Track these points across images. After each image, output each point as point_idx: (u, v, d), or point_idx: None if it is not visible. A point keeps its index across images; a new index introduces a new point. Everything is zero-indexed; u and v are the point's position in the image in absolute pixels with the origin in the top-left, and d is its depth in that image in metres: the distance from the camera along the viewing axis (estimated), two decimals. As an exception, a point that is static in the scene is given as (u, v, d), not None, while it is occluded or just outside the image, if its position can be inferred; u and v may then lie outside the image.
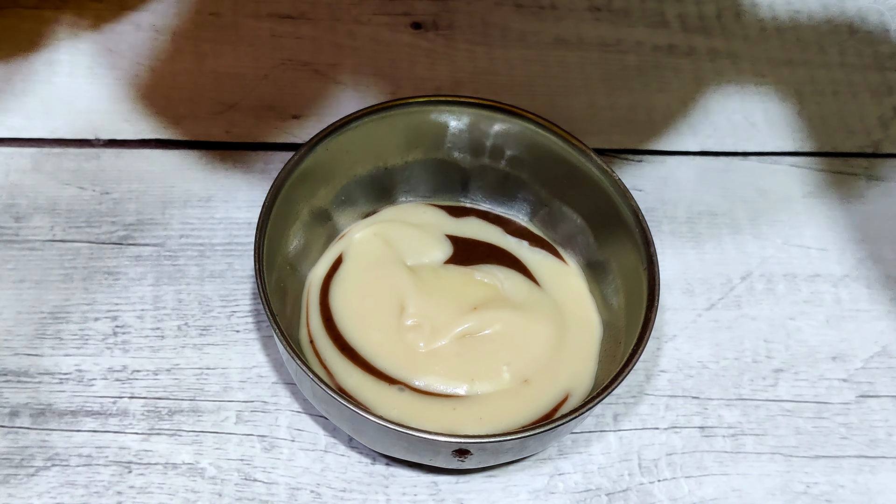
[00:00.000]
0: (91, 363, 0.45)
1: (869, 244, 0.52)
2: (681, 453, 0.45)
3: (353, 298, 0.45)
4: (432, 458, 0.41)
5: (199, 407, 0.44)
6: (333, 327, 0.44)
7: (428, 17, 0.58)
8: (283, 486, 0.42)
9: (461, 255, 0.47)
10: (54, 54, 0.54)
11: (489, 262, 0.47)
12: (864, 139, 0.56)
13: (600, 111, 0.55)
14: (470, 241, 0.48)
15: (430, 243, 0.48)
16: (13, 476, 0.42)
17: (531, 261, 0.48)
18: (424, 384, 0.43)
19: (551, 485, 0.44)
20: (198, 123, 0.52)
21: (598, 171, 0.45)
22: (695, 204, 0.52)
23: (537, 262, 0.48)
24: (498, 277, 0.46)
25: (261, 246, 0.42)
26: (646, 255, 0.43)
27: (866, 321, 0.49)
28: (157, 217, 0.49)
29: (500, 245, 0.48)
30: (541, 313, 0.45)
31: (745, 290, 0.50)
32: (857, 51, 0.59)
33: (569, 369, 0.44)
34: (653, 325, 0.41)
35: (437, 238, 0.48)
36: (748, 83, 0.57)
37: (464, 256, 0.47)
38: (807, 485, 0.44)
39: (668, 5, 0.60)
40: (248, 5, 0.57)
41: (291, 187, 0.44)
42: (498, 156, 0.48)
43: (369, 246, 0.47)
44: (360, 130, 0.46)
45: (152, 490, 0.42)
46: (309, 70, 0.55)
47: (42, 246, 0.48)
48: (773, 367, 0.47)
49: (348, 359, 0.44)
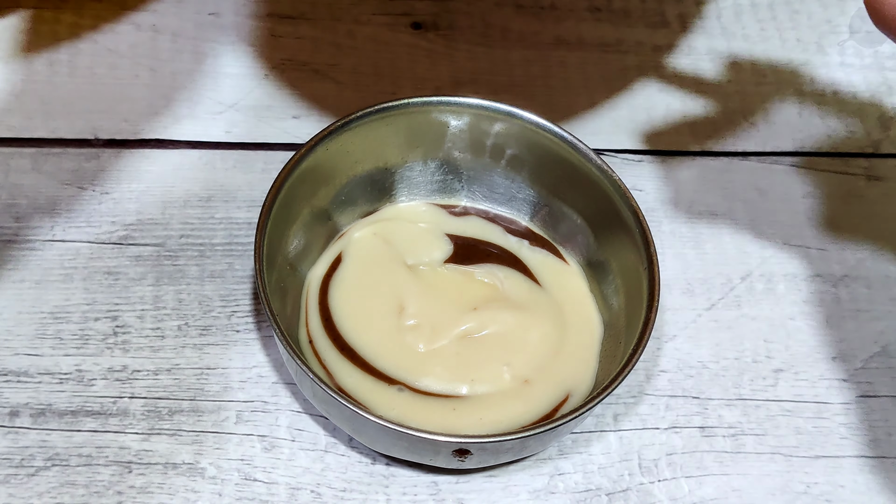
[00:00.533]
0: (91, 363, 0.45)
1: (869, 244, 0.52)
2: (681, 453, 0.45)
3: (352, 298, 0.45)
4: (432, 458, 0.41)
5: (199, 407, 0.44)
6: (333, 327, 0.44)
7: (428, 17, 0.58)
8: (283, 485, 0.42)
9: (461, 255, 0.47)
10: (54, 54, 0.54)
11: (489, 261, 0.47)
12: (864, 139, 0.56)
13: (600, 111, 0.55)
14: (470, 241, 0.48)
15: (430, 242, 0.48)
16: (13, 476, 0.42)
17: (532, 260, 0.48)
18: (424, 385, 0.43)
19: (551, 485, 0.44)
20: (198, 123, 0.52)
21: (598, 171, 0.45)
22: (695, 204, 0.52)
23: (538, 261, 0.48)
24: (498, 277, 0.46)
25: (261, 246, 0.42)
26: (646, 255, 0.43)
27: (866, 321, 0.49)
28: (157, 217, 0.49)
29: (501, 244, 0.48)
30: (541, 313, 0.45)
31: (745, 290, 0.50)
32: (857, 51, 0.59)
33: (569, 369, 0.44)
34: (653, 325, 0.41)
35: (437, 237, 0.48)
36: (748, 83, 0.57)
37: (464, 255, 0.47)
38: (807, 485, 0.44)
39: (668, 5, 0.60)
40: (248, 5, 0.57)
41: (291, 187, 0.44)
42: (498, 156, 0.48)
43: (369, 245, 0.47)
44: (360, 130, 0.46)
45: (152, 490, 0.42)
46: (309, 70, 0.55)
47: (42, 246, 0.48)
48: (773, 367, 0.47)
49: (348, 359, 0.44)
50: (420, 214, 0.49)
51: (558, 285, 0.47)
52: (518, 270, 0.47)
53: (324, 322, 0.45)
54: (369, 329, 0.44)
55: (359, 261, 0.46)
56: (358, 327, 0.44)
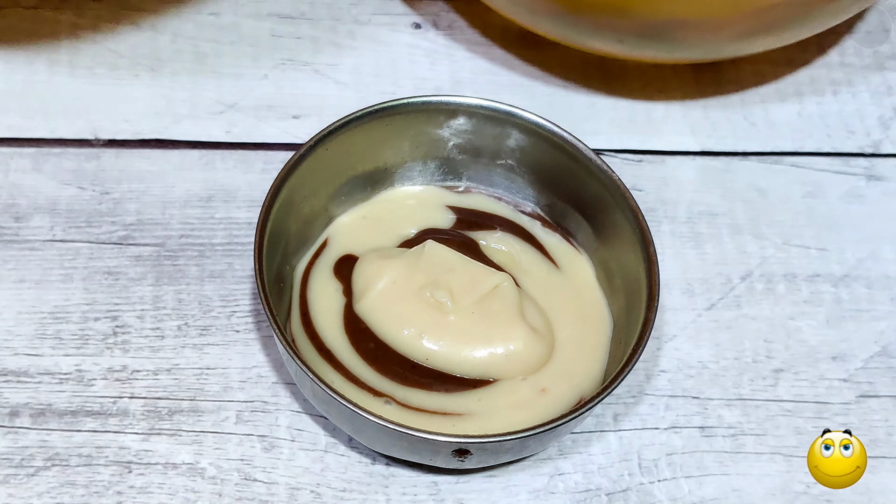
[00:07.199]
0: (91, 363, 0.45)
1: (869, 244, 0.52)
2: (681, 453, 0.45)
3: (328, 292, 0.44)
4: (432, 458, 0.41)
5: (199, 407, 0.44)
6: (310, 324, 0.44)
7: (428, 17, 0.58)
8: (283, 486, 0.42)
9: (466, 224, 0.46)
10: (54, 54, 0.54)
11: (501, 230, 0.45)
12: (864, 139, 0.56)
13: (600, 111, 0.55)
14: (475, 212, 0.46)
15: (429, 215, 0.46)
16: (13, 476, 0.42)
17: (547, 241, 0.46)
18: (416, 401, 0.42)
19: (551, 485, 0.44)
20: (198, 123, 0.52)
21: (598, 171, 0.45)
22: (695, 204, 0.52)
23: (552, 243, 0.46)
24: (514, 247, 0.44)
25: (261, 246, 0.42)
26: (646, 255, 0.43)
27: (866, 321, 0.49)
28: (157, 217, 0.49)
29: (511, 219, 0.46)
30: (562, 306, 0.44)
31: (745, 290, 0.50)
32: (857, 51, 0.59)
33: (584, 371, 0.43)
34: (653, 325, 0.41)
35: (436, 209, 0.46)
36: (748, 83, 0.57)
37: (469, 224, 0.46)
38: (807, 485, 0.44)
39: (668, 5, 0.60)
40: (248, 5, 0.57)
41: (291, 187, 0.44)
42: (498, 156, 0.48)
43: (355, 228, 0.45)
44: (360, 130, 0.46)
45: (152, 490, 0.42)
46: (309, 70, 0.55)
47: (42, 246, 0.48)
48: (773, 367, 0.47)
49: (326, 360, 0.43)
50: (416, 194, 0.47)
51: (573, 272, 0.45)
52: (533, 246, 0.45)
53: (302, 318, 0.44)
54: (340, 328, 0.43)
55: (341, 247, 0.45)
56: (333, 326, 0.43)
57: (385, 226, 0.46)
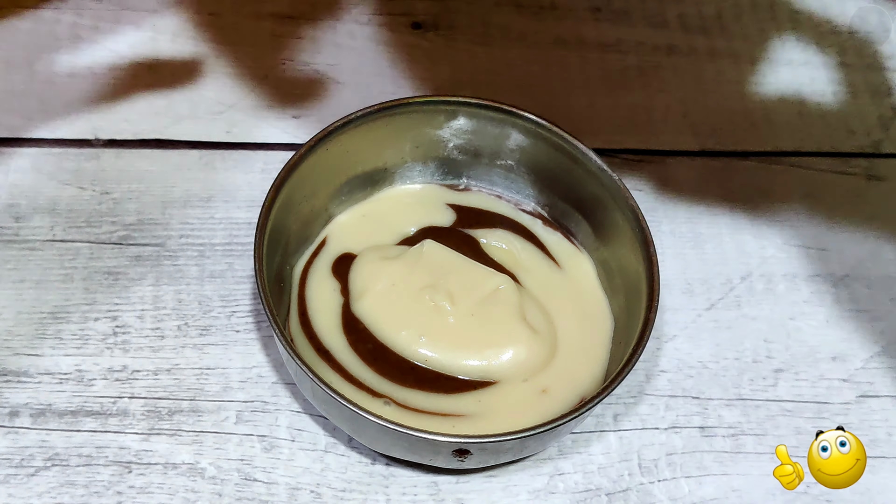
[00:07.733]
0: (91, 363, 0.45)
1: (869, 244, 0.52)
2: (681, 453, 0.45)
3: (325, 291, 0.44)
4: (432, 458, 0.41)
5: (199, 407, 0.44)
6: (308, 324, 0.44)
7: (428, 17, 0.58)
8: (283, 486, 0.42)
9: (466, 222, 0.45)
10: (54, 54, 0.54)
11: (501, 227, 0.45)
12: (864, 139, 0.56)
13: (600, 111, 0.55)
14: (475, 210, 0.45)
15: (428, 213, 0.45)
16: (13, 476, 0.42)
17: (547, 239, 0.46)
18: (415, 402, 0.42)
19: (551, 485, 0.44)
20: (198, 123, 0.52)
21: (598, 171, 0.45)
22: (695, 204, 0.52)
23: (553, 242, 0.46)
24: (515, 245, 0.44)
25: (261, 246, 0.42)
26: (646, 255, 0.43)
27: (866, 321, 0.49)
28: (157, 217, 0.49)
29: (511, 217, 0.46)
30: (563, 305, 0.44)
31: (745, 290, 0.50)
32: (857, 51, 0.59)
33: (585, 371, 0.43)
34: (653, 325, 0.41)
35: (436, 207, 0.46)
36: (748, 83, 0.57)
37: (469, 222, 0.45)
38: (807, 485, 0.44)
39: (668, 5, 0.60)
40: (248, 5, 0.57)
41: (291, 187, 0.44)
42: (498, 156, 0.48)
43: (354, 227, 0.45)
44: (360, 130, 0.46)
45: (152, 490, 0.42)
46: (309, 70, 0.55)
47: (42, 246, 0.48)
48: (773, 367, 0.47)
49: (324, 360, 0.43)
50: (416, 192, 0.47)
51: (574, 271, 0.45)
52: (534, 245, 0.45)
53: (300, 317, 0.44)
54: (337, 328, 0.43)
55: (340, 245, 0.45)
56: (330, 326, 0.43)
57: (385, 224, 0.46)
